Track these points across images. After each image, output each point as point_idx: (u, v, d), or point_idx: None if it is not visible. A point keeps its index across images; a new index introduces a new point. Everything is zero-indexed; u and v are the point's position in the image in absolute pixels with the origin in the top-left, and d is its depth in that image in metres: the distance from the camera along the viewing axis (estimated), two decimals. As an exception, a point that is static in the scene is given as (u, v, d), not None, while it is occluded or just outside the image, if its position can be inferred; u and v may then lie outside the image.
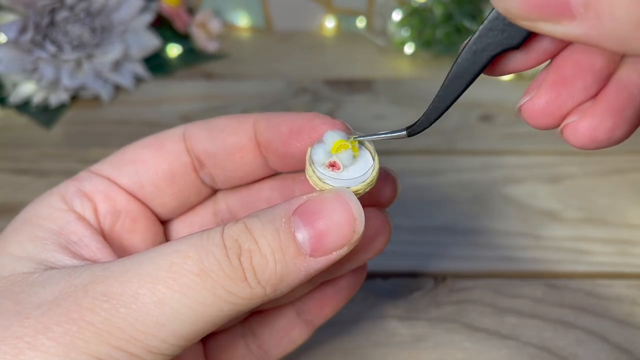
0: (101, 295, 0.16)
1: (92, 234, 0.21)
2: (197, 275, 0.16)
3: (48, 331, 0.16)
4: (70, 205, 0.21)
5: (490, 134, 0.45)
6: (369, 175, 0.19)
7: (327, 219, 0.18)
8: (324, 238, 0.18)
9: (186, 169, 0.23)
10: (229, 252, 0.17)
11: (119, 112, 0.49)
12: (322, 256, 0.18)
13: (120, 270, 0.17)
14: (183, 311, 0.16)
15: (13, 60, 0.45)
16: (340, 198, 0.18)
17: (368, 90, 0.51)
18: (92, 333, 0.16)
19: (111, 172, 0.23)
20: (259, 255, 0.17)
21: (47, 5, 0.45)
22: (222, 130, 0.23)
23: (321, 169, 0.19)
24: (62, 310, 0.16)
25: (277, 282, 0.17)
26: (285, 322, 0.25)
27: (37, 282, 0.17)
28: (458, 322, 0.32)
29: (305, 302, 0.25)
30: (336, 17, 0.59)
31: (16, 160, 0.43)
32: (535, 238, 0.36)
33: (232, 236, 0.17)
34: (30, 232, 0.20)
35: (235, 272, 0.17)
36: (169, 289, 0.16)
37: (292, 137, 0.21)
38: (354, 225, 0.18)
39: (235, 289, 0.17)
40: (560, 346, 0.31)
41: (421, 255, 0.36)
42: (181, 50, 0.55)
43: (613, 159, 0.42)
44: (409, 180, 0.41)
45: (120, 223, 0.22)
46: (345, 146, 0.19)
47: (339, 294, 0.25)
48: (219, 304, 0.17)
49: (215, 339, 0.25)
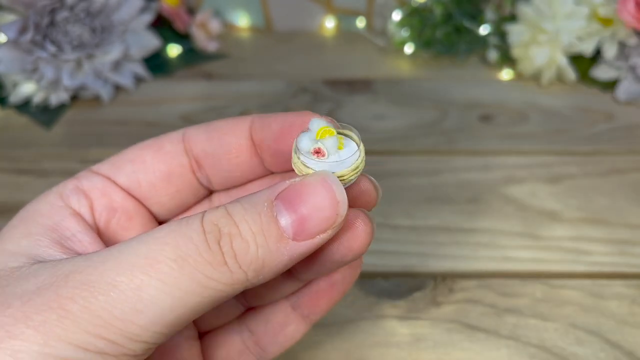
0: (80, 284, 0.16)
1: (86, 229, 0.21)
2: (175, 262, 0.16)
3: (28, 320, 0.16)
4: (67, 202, 0.21)
5: (490, 134, 0.45)
6: (353, 161, 0.19)
7: (310, 202, 0.17)
8: (306, 221, 0.17)
9: (184, 169, 0.23)
10: (208, 236, 0.17)
11: (119, 112, 0.49)
12: (305, 240, 0.18)
13: (101, 259, 0.17)
14: (161, 297, 0.16)
15: (13, 60, 0.45)
16: (323, 181, 0.18)
17: (368, 90, 0.51)
18: (71, 321, 0.16)
19: (110, 171, 0.23)
20: (239, 239, 0.17)
21: (47, 5, 0.45)
22: (220, 131, 0.23)
23: (307, 155, 0.19)
24: (42, 299, 0.16)
25: (259, 266, 0.17)
26: (281, 318, 0.25)
27: (23, 275, 0.17)
28: (458, 322, 0.32)
29: (300, 296, 0.25)
30: (336, 17, 0.60)
31: (16, 160, 0.43)
32: (535, 238, 0.36)
33: (212, 221, 0.17)
34: (26, 229, 0.20)
35: (215, 257, 0.17)
36: (146, 275, 0.16)
37: (284, 133, 0.21)
38: (337, 208, 0.18)
39: (215, 274, 0.17)
40: (560, 346, 0.31)
41: (421, 255, 0.36)
42: (181, 50, 0.55)
43: (613, 159, 0.42)
44: (409, 180, 0.41)
45: (116, 220, 0.23)
46: (330, 132, 0.19)
47: (333, 287, 0.25)
48: (199, 290, 0.17)
49: (212, 335, 0.25)
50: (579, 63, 0.50)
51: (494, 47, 0.53)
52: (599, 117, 0.47)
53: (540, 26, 0.48)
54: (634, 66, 0.47)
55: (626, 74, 0.48)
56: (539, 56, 0.49)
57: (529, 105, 0.49)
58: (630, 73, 0.48)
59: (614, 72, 0.49)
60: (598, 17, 0.48)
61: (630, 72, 0.48)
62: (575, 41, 0.48)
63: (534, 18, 0.48)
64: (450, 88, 0.51)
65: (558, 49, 0.48)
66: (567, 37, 0.47)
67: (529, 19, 0.49)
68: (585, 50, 0.49)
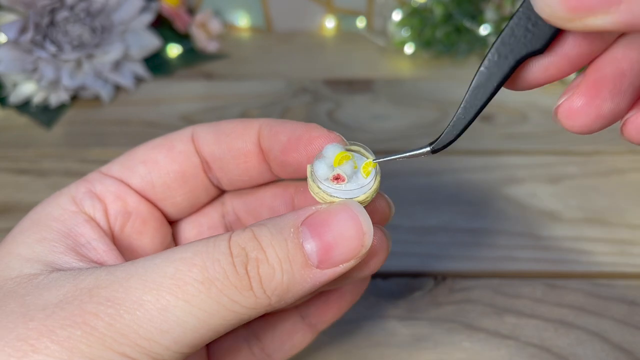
0: (105, 301, 0.16)
1: (101, 236, 0.21)
2: (202, 284, 0.16)
3: (52, 334, 0.16)
4: (81, 207, 0.21)
5: (490, 134, 0.45)
6: (373, 183, 0.19)
7: (336, 231, 0.17)
8: (332, 250, 0.17)
9: (196, 169, 0.23)
10: (236, 260, 0.17)
11: (119, 112, 0.49)
12: (329, 268, 0.18)
13: (125, 275, 0.17)
14: (186, 319, 0.16)
15: (13, 60, 0.45)
16: (349, 210, 0.18)
17: (368, 90, 0.51)
18: (96, 338, 0.16)
19: (122, 173, 0.23)
20: (266, 264, 0.17)
21: (47, 5, 0.45)
22: (229, 135, 0.23)
23: (326, 183, 0.19)
24: (66, 313, 0.16)
25: (282, 292, 0.17)
26: (288, 326, 0.25)
27: (42, 285, 0.17)
28: (458, 322, 0.32)
29: (309, 306, 0.25)
30: (336, 17, 0.60)
31: (16, 160, 0.43)
32: (535, 238, 0.36)
33: (240, 244, 0.17)
34: (39, 234, 0.20)
35: (241, 281, 0.17)
36: (173, 296, 0.16)
37: (291, 147, 0.21)
38: (362, 239, 0.18)
39: (239, 297, 0.17)
40: (560, 346, 0.31)
41: (421, 255, 0.36)
42: (181, 50, 0.55)
43: (613, 159, 0.42)
44: (409, 180, 0.41)
45: (131, 224, 0.22)
46: (347, 157, 0.19)
47: (342, 298, 0.25)
48: (223, 313, 0.17)
49: (219, 341, 0.25)
50: (579, 63, 0.50)
51: (494, 47, 0.53)
52: (599, 117, 0.47)
53: (540, 26, 0.48)
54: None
55: (626, 74, 0.48)
56: (539, 56, 0.49)
57: (529, 105, 0.49)
58: (630, 73, 0.48)
59: (614, 72, 0.49)
60: (598, 17, 0.48)
61: (630, 72, 0.48)
62: (575, 41, 0.48)
63: (534, 18, 0.48)
64: (450, 88, 0.51)
65: (558, 49, 0.48)
66: (567, 37, 0.47)
67: (529, 19, 0.49)
68: (585, 50, 0.48)
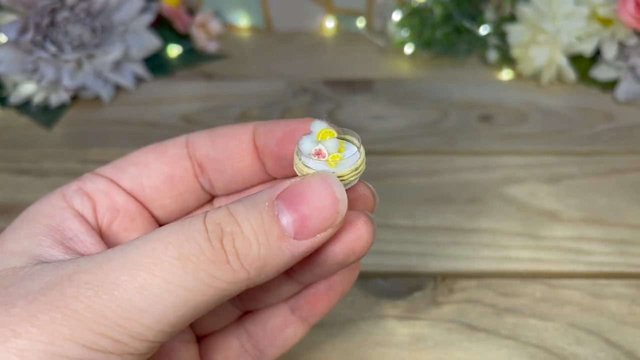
0: (84, 284, 0.16)
1: (88, 230, 0.21)
2: (178, 260, 0.16)
3: (33, 319, 0.16)
4: (70, 203, 0.21)
5: (490, 134, 0.45)
6: (353, 161, 0.19)
7: (310, 201, 0.18)
8: (307, 220, 0.18)
9: (187, 173, 0.23)
10: (211, 235, 0.17)
11: (119, 112, 0.49)
12: (306, 239, 0.18)
13: (105, 259, 0.17)
14: (165, 296, 0.16)
15: (13, 61, 0.45)
16: (322, 180, 0.18)
17: (368, 90, 0.51)
18: (76, 320, 0.16)
19: (113, 173, 0.23)
20: (241, 237, 0.17)
21: (47, 6, 0.45)
22: (223, 136, 0.23)
23: (307, 157, 0.19)
24: (47, 299, 0.16)
25: (261, 265, 0.17)
26: (279, 321, 0.25)
27: (26, 275, 0.17)
28: (458, 322, 0.32)
29: (298, 299, 0.25)
30: (336, 17, 0.60)
31: (16, 160, 0.43)
32: (535, 238, 0.36)
33: (215, 220, 0.17)
34: (28, 229, 0.20)
35: (217, 255, 0.17)
36: (150, 274, 0.16)
37: (287, 138, 0.21)
38: (337, 206, 0.18)
39: (217, 272, 0.17)
40: (560, 346, 0.31)
41: (421, 255, 0.36)
42: (181, 51, 0.55)
43: (613, 159, 0.42)
44: (409, 180, 0.41)
45: (119, 221, 0.23)
46: (331, 134, 0.19)
47: (332, 289, 0.25)
48: (202, 288, 0.17)
49: (210, 339, 0.25)
50: (579, 63, 0.50)
51: (493, 47, 0.53)
52: (599, 117, 0.47)
53: (540, 26, 0.48)
54: (633, 66, 0.47)
55: (626, 74, 0.48)
56: (538, 56, 0.49)
57: (528, 105, 0.49)
58: (630, 73, 0.48)
59: (614, 72, 0.49)
60: (598, 17, 0.48)
61: (630, 72, 0.48)
62: (575, 41, 0.48)
63: (534, 18, 0.48)
64: (450, 88, 0.51)
65: (558, 49, 0.48)
66: (567, 38, 0.48)
67: (528, 19, 0.49)
68: (585, 50, 0.49)
